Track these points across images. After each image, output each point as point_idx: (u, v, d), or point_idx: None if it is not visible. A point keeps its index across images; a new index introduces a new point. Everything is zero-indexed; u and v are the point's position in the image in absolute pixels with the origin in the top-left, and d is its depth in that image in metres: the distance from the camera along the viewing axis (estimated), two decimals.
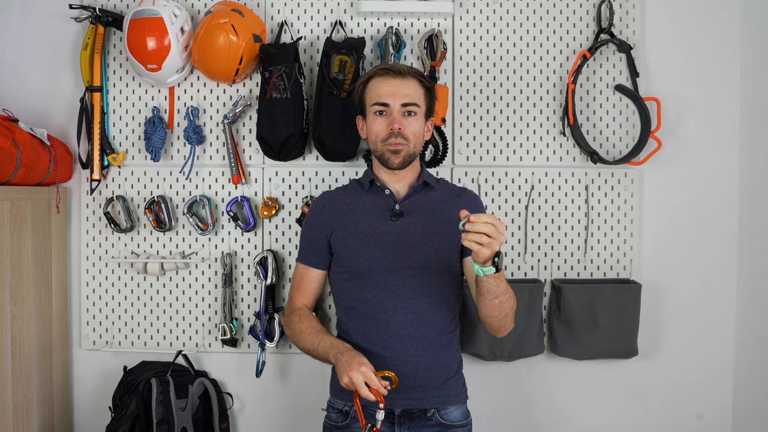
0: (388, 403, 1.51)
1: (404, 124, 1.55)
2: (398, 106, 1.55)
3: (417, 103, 1.56)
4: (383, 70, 1.58)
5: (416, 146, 1.58)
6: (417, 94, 1.57)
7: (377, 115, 1.57)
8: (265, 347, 1.97)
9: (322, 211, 1.64)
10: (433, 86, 1.63)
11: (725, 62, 2.03)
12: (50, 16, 2.03)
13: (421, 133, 1.60)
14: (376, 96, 1.57)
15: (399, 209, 1.58)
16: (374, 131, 1.58)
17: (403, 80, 1.56)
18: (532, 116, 2.02)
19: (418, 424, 1.54)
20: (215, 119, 2.02)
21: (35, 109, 2.04)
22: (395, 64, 1.60)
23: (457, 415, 1.57)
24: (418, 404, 1.53)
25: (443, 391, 1.56)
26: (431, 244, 1.55)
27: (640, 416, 2.05)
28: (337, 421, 1.58)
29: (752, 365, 1.99)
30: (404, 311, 1.53)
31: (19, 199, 1.81)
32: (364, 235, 1.57)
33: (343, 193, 1.68)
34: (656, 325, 2.03)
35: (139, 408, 1.86)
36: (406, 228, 1.56)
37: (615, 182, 2.01)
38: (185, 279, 2.04)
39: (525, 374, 2.04)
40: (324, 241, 1.62)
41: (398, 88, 1.55)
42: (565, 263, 2.02)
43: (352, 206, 1.62)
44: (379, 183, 1.61)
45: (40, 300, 1.91)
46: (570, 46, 2.02)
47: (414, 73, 1.58)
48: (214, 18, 1.83)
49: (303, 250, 1.68)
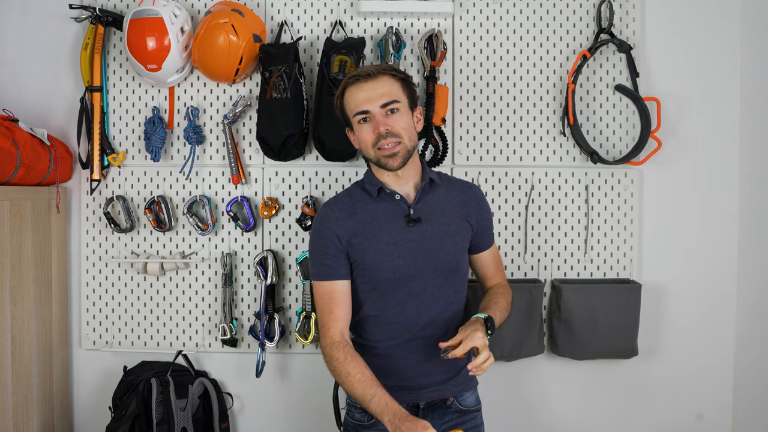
0: (414, 398, 1.57)
1: (390, 123, 1.50)
2: (378, 108, 1.49)
3: (396, 99, 1.51)
4: (353, 78, 1.53)
5: (411, 140, 1.52)
6: (393, 90, 1.52)
7: (362, 123, 1.53)
8: (265, 347, 1.97)
9: (336, 223, 1.55)
10: (408, 77, 1.57)
11: (725, 62, 2.03)
12: (50, 16, 2.03)
13: (411, 125, 1.55)
14: (354, 106, 1.52)
15: (415, 215, 1.55)
16: (363, 139, 1.53)
17: (376, 81, 1.51)
18: (532, 116, 2.02)
19: (440, 413, 1.59)
20: (215, 119, 2.02)
21: (35, 109, 2.04)
22: (363, 68, 1.54)
23: (472, 400, 1.64)
24: (440, 395, 1.59)
25: (459, 380, 1.61)
26: (447, 246, 1.56)
27: (640, 416, 2.06)
28: (362, 420, 1.57)
29: (752, 365, 1.99)
30: (428, 314, 1.55)
31: (19, 199, 1.81)
32: (385, 245, 1.53)
33: (352, 201, 1.60)
34: (656, 325, 2.03)
35: (139, 408, 1.86)
36: (424, 233, 1.55)
37: (615, 182, 2.01)
38: (185, 279, 2.04)
39: (525, 374, 2.05)
40: (344, 250, 1.54)
41: (372, 91, 1.50)
42: (565, 263, 2.02)
43: (366, 216, 1.56)
44: (389, 189, 1.56)
45: (40, 300, 1.91)
46: (570, 46, 2.02)
47: (384, 69, 1.53)
48: (214, 18, 1.83)
49: (323, 265, 1.55)
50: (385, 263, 1.53)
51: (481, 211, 1.64)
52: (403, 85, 1.55)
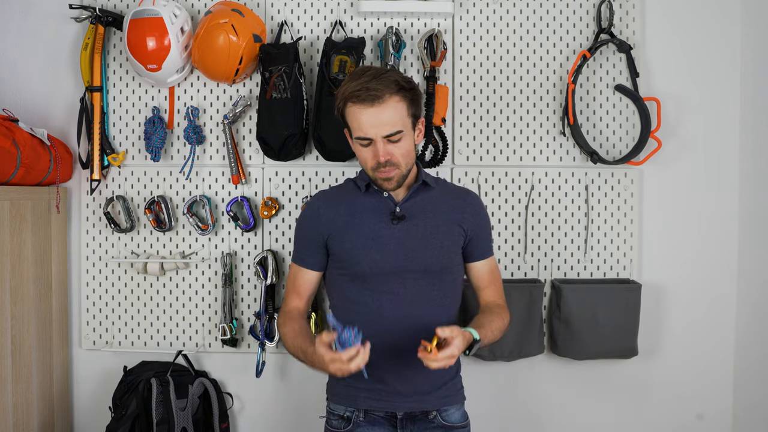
0: (390, 407, 1.53)
1: (390, 152, 1.46)
2: (380, 137, 1.44)
3: (400, 129, 1.45)
4: (357, 97, 1.43)
5: (408, 165, 1.51)
6: (398, 118, 1.45)
7: (362, 146, 1.49)
8: (265, 347, 1.97)
9: (318, 213, 1.58)
10: (415, 87, 1.51)
11: (725, 62, 2.03)
12: (50, 16, 2.03)
13: (412, 149, 1.52)
14: (357, 128, 1.46)
15: (400, 212, 1.55)
16: (362, 159, 1.51)
17: (381, 107, 1.42)
18: (532, 116, 2.02)
19: (421, 427, 1.54)
20: (215, 119, 2.02)
21: (35, 109, 2.04)
22: (369, 86, 1.42)
23: (457, 416, 1.57)
24: (420, 406, 1.54)
25: (443, 392, 1.56)
26: (432, 247, 1.54)
27: (640, 416, 2.06)
28: (339, 427, 1.57)
29: (752, 365, 1.99)
30: (406, 315, 1.52)
31: (19, 199, 1.81)
32: (364, 239, 1.53)
33: (340, 194, 1.62)
34: (656, 325, 2.03)
35: (139, 408, 1.86)
36: (407, 231, 1.53)
37: (615, 182, 2.01)
38: (185, 279, 2.04)
39: (525, 374, 2.04)
40: (320, 242, 1.58)
41: (377, 118, 1.43)
42: (565, 263, 2.02)
43: (350, 208, 1.57)
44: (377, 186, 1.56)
45: (40, 300, 1.91)
46: (570, 46, 2.02)
47: (391, 89, 1.43)
48: (214, 18, 1.83)
49: (297, 251, 1.63)
50: (362, 257, 1.52)
51: (477, 218, 1.61)
52: (410, 103, 1.48)
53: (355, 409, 1.55)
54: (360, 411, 1.54)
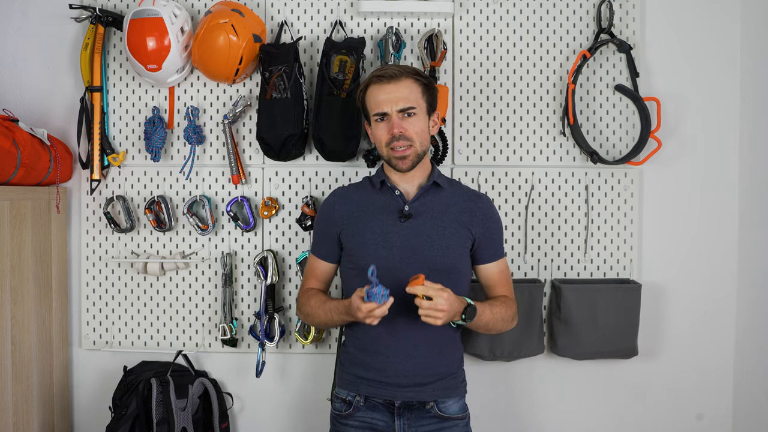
0: (389, 395, 1.58)
1: (404, 126, 1.57)
2: (395, 111, 1.57)
3: (413, 105, 1.57)
4: (377, 77, 1.59)
5: (422, 144, 1.60)
6: (413, 95, 1.58)
7: (378, 122, 1.60)
8: (265, 347, 1.97)
9: (333, 208, 1.67)
10: (430, 80, 1.63)
11: (725, 62, 2.03)
12: (50, 16, 2.03)
13: (425, 130, 1.61)
14: (374, 105, 1.59)
15: (408, 210, 1.60)
16: (378, 137, 1.61)
17: (398, 84, 1.57)
18: (532, 116, 2.02)
19: (417, 416, 1.58)
20: (215, 119, 2.02)
21: (35, 109, 2.04)
22: (388, 68, 1.60)
23: (455, 408, 1.60)
24: (418, 397, 1.58)
25: (442, 385, 1.59)
26: (438, 247, 1.57)
27: (640, 416, 2.06)
28: (341, 410, 1.63)
29: (752, 365, 1.99)
30: (409, 311, 1.53)
31: (19, 199, 1.81)
32: (372, 234, 1.59)
33: (355, 191, 1.70)
34: (656, 325, 2.03)
35: (139, 408, 1.86)
36: (414, 229, 1.58)
37: (615, 182, 2.01)
38: (185, 279, 2.04)
39: (525, 374, 2.04)
40: (334, 236, 1.65)
41: (393, 94, 1.57)
42: (565, 263, 2.02)
43: (362, 204, 1.64)
44: (390, 183, 1.63)
45: (40, 300, 1.91)
46: (570, 46, 2.02)
47: (408, 72, 1.59)
48: (214, 18, 1.83)
49: (315, 242, 1.73)
50: (369, 252, 1.58)
51: (487, 223, 1.64)
52: (424, 89, 1.61)
53: (357, 395, 1.60)
54: (361, 396, 1.60)
